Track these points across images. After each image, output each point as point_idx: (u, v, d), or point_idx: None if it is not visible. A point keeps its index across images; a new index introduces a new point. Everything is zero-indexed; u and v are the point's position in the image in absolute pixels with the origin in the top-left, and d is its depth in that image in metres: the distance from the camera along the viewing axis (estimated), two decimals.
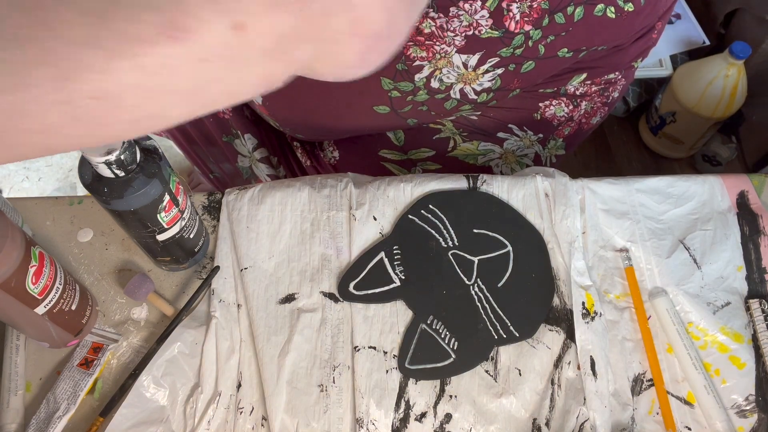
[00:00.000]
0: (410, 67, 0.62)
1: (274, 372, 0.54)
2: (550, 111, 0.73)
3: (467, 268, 0.58)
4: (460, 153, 0.75)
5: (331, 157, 0.80)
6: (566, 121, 0.75)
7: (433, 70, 0.62)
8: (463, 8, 0.57)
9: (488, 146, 0.75)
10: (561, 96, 0.72)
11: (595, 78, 0.70)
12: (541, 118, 0.74)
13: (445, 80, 0.63)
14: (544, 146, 0.76)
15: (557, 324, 0.56)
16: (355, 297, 0.57)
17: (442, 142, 0.75)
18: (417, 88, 0.64)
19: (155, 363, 0.52)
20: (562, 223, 0.60)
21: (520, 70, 0.63)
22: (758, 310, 0.56)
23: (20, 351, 0.55)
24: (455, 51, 0.60)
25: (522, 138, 0.74)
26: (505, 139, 0.74)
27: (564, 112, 0.74)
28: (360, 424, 0.52)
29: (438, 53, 0.60)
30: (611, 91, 0.73)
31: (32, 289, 0.47)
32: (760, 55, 1.26)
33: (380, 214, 0.61)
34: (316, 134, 0.78)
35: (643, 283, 0.58)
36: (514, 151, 0.75)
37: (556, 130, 0.76)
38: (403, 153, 0.76)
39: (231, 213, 0.61)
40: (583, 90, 0.71)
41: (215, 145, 0.85)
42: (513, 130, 0.74)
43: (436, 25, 0.58)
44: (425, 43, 0.59)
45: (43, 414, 0.52)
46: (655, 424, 0.53)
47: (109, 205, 0.47)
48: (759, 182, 0.63)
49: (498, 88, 0.65)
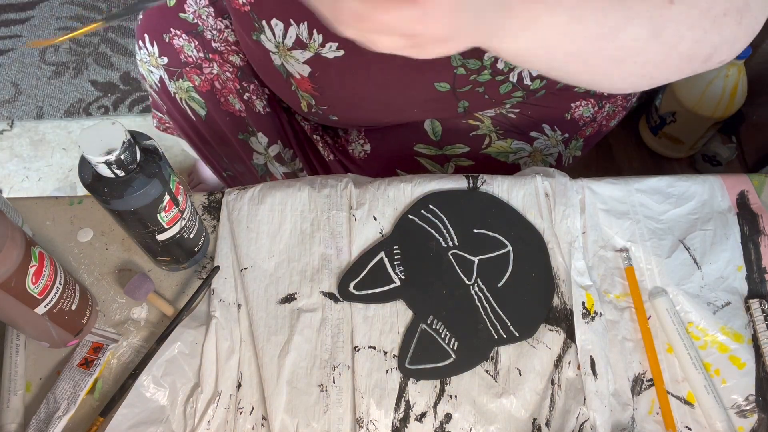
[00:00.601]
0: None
1: (274, 372, 0.54)
2: (579, 111, 0.74)
3: (467, 268, 0.58)
4: (493, 150, 0.75)
5: (361, 151, 0.79)
6: (590, 122, 0.76)
7: None
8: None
9: (520, 144, 0.75)
10: (590, 96, 0.73)
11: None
12: (571, 118, 0.74)
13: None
14: (567, 146, 0.77)
15: (557, 324, 0.56)
16: (355, 297, 0.57)
17: (478, 139, 0.75)
18: (483, 66, 0.63)
19: (155, 363, 0.52)
20: (562, 223, 0.60)
21: None
22: (758, 310, 0.56)
23: (20, 351, 0.55)
24: None
25: (550, 137, 0.75)
26: (536, 138, 0.75)
27: (590, 113, 0.75)
28: (360, 424, 0.52)
29: None
30: (632, 94, 0.74)
31: (32, 289, 0.47)
32: (760, 55, 1.26)
33: (380, 213, 0.61)
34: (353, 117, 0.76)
35: (643, 283, 0.58)
36: (542, 150, 0.76)
37: (580, 130, 0.76)
38: (439, 148, 0.76)
39: (231, 213, 0.61)
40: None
41: (229, 145, 0.84)
42: (545, 129, 0.75)
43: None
44: None
45: (43, 414, 0.52)
46: (655, 424, 0.53)
47: (109, 205, 0.47)
48: (759, 182, 0.63)
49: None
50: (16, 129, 1.50)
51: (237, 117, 0.81)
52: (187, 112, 0.83)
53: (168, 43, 0.78)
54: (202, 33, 0.75)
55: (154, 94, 0.87)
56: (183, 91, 0.80)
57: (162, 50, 0.79)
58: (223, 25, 0.74)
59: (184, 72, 0.79)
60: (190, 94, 0.80)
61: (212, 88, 0.79)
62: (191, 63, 0.78)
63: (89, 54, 1.61)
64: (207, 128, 0.84)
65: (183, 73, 0.79)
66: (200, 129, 0.84)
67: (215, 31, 0.74)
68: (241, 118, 0.81)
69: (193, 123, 0.84)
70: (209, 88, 0.79)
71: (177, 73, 0.79)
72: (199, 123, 0.83)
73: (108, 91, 1.55)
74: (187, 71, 0.79)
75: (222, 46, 0.76)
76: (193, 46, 0.76)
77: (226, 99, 0.80)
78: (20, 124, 1.51)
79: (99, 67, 1.59)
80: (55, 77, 1.57)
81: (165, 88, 0.82)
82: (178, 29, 0.76)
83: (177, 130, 0.90)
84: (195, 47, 0.77)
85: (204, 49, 0.77)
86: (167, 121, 0.92)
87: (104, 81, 1.57)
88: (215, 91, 0.80)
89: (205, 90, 0.80)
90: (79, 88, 1.55)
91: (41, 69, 1.59)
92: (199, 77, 0.79)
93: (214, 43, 0.76)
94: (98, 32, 1.65)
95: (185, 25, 0.76)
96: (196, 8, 0.74)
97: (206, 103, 0.81)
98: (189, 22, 0.75)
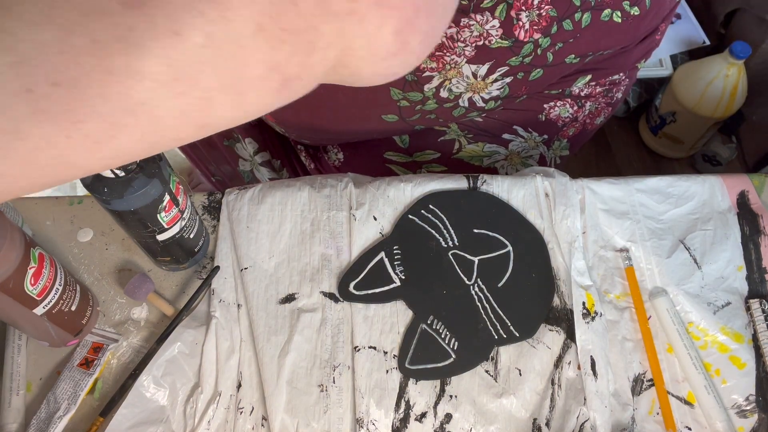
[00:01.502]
0: (420, 77, 0.62)
1: (274, 372, 0.54)
2: (555, 112, 0.73)
3: (467, 268, 0.58)
4: (465, 155, 0.75)
5: (335, 159, 0.80)
6: (571, 121, 0.75)
7: (443, 80, 0.62)
8: (474, 18, 0.57)
9: (493, 148, 0.75)
10: (566, 97, 0.72)
11: (600, 79, 0.70)
12: (546, 119, 0.74)
13: (454, 90, 0.63)
14: (549, 147, 0.77)
15: (557, 324, 0.56)
16: (355, 297, 0.57)
17: (447, 144, 0.75)
18: (426, 97, 0.64)
19: (155, 363, 0.52)
20: (562, 223, 0.60)
21: (528, 77, 0.63)
22: (758, 310, 0.56)
23: (22, 350, 0.55)
24: (465, 61, 0.60)
25: (527, 139, 0.75)
26: (510, 141, 0.75)
27: (569, 113, 0.74)
28: (360, 424, 0.52)
29: (448, 64, 0.60)
30: (615, 91, 0.73)
31: (31, 290, 0.47)
32: (760, 55, 1.26)
33: (380, 214, 0.61)
34: (321, 139, 0.77)
35: (644, 283, 0.58)
36: (519, 153, 0.75)
37: (561, 130, 0.76)
38: (409, 155, 0.76)
39: (231, 213, 0.61)
40: (587, 91, 0.71)
41: (216, 149, 0.85)
42: (518, 131, 0.74)
43: (447, 35, 0.58)
44: (435, 54, 0.59)
45: (43, 414, 0.52)
46: (656, 424, 0.53)
47: (109, 205, 0.47)
48: (759, 182, 0.63)
49: (506, 96, 0.65)
50: None
51: None
52: None
53: None
54: None
55: None
56: None
57: None
58: None
59: None
60: None
61: None
62: None
63: None
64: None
65: None
66: None
67: None
68: None
69: None
70: None
71: None
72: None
73: None
74: None
75: None
76: None
77: None
78: None
79: None
80: None
81: None
82: None
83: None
84: None
85: None
86: None
87: None
88: None
89: None
90: None
91: None
92: None
93: None
94: None
95: None
96: None
97: None
98: None
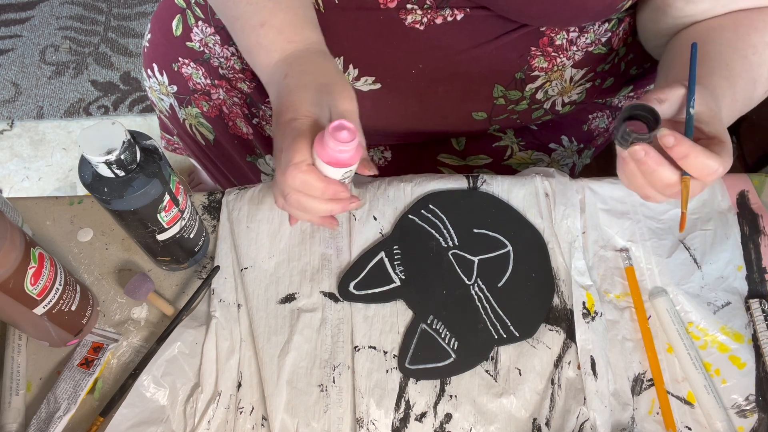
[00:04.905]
0: (528, 76, 0.63)
1: (274, 372, 0.54)
2: (595, 122, 0.76)
3: (467, 268, 0.58)
4: (514, 162, 0.76)
5: (381, 158, 0.80)
6: (603, 131, 0.77)
7: (545, 81, 0.64)
8: (594, 26, 0.59)
9: (540, 155, 0.76)
10: (606, 107, 0.74)
11: (638, 90, 0.73)
12: (588, 129, 0.76)
13: (549, 93, 0.65)
14: (580, 156, 0.78)
15: (557, 324, 0.56)
16: (355, 297, 0.57)
17: (500, 150, 0.76)
18: (523, 97, 0.65)
19: (155, 363, 0.52)
20: (562, 222, 0.60)
21: (603, 85, 0.65)
22: (758, 309, 0.56)
23: (22, 350, 0.55)
24: (571, 65, 0.62)
25: (567, 148, 0.76)
26: (554, 150, 0.76)
27: (605, 124, 0.76)
28: (360, 424, 0.52)
29: (557, 65, 0.62)
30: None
31: (30, 290, 0.47)
32: None
33: (380, 213, 0.61)
34: (378, 141, 0.77)
35: (644, 282, 0.58)
36: (558, 161, 0.77)
37: (593, 140, 0.78)
38: (462, 159, 0.76)
39: (231, 213, 0.61)
40: (624, 102, 0.74)
41: (237, 167, 0.86)
42: (563, 141, 0.76)
43: (568, 38, 0.60)
44: (551, 54, 0.61)
45: (43, 414, 0.52)
46: (655, 424, 0.53)
47: (109, 205, 0.47)
48: (759, 182, 0.63)
49: (581, 101, 0.67)
50: (16, 129, 1.50)
51: (245, 140, 0.82)
52: (197, 137, 0.84)
53: (177, 72, 0.78)
54: (209, 60, 0.76)
55: (164, 119, 0.88)
56: (192, 117, 0.81)
57: (171, 79, 0.79)
58: (230, 52, 0.74)
59: (192, 99, 0.80)
60: (198, 119, 0.81)
61: (220, 113, 0.80)
62: (200, 90, 0.79)
63: (89, 54, 1.61)
64: (215, 152, 0.85)
65: (191, 100, 0.80)
66: (208, 153, 0.86)
67: (222, 58, 0.75)
68: (249, 141, 0.82)
69: (201, 147, 0.85)
70: (217, 113, 0.80)
71: (186, 100, 0.80)
72: (207, 147, 0.85)
73: (108, 91, 1.55)
74: (196, 98, 0.79)
75: (229, 73, 0.76)
76: (200, 73, 0.77)
77: (234, 123, 0.81)
78: (20, 124, 1.51)
79: (99, 67, 1.59)
80: (55, 77, 1.57)
81: (175, 114, 0.83)
82: (186, 58, 0.77)
83: (187, 151, 0.91)
84: (203, 74, 0.77)
85: (210, 75, 0.77)
86: (176, 143, 0.94)
87: (104, 81, 1.57)
88: (223, 115, 0.81)
89: (213, 116, 0.81)
90: (79, 88, 1.56)
91: (41, 69, 1.59)
92: (207, 103, 0.79)
93: (221, 69, 0.76)
94: (98, 32, 1.65)
95: (192, 53, 0.76)
96: (203, 36, 0.74)
97: (214, 128, 0.82)
98: (196, 50, 0.76)
